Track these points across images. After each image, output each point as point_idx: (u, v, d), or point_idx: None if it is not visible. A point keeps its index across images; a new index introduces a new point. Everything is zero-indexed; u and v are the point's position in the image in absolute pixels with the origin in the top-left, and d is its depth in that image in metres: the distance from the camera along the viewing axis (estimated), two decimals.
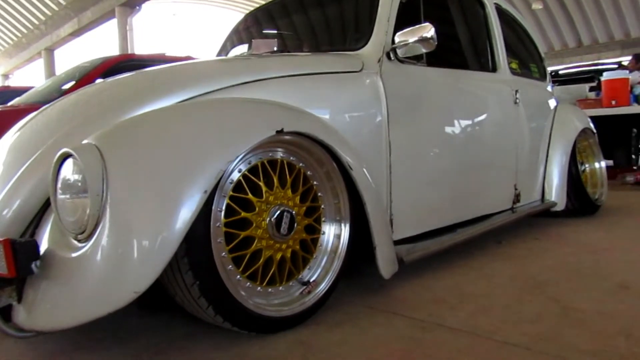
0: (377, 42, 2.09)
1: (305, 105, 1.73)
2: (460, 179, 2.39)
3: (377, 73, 2.03)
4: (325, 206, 1.71)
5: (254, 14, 2.90)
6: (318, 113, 1.76)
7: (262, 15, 2.81)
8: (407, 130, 2.11)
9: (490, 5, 2.76)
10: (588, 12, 13.64)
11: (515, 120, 2.74)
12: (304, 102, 1.76)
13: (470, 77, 2.54)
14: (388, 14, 2.15)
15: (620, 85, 4.96)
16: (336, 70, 1.95)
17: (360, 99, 1.97)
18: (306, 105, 1.74)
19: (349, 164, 1.66)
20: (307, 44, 2.53)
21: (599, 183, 3.44)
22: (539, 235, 2.83)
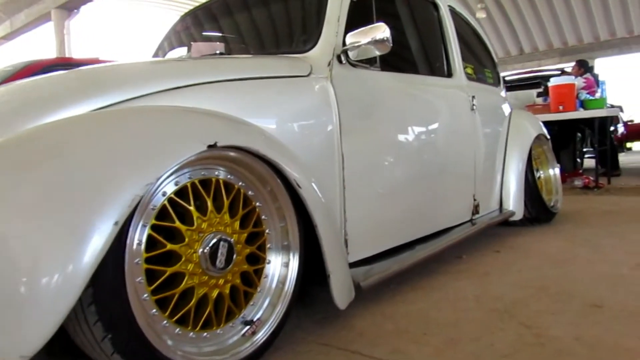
0: (327, 44, 1.89)
1: (246, 114, 1.50)
2: (419, 192, 2.22)
3: (327, 78, 1.82)
4: (270, 231, 1.48)
5: (194, 14, 2.64)
6: (260, 123, 1.53)
7: (202, 15, 2.55)
8: (362, 141, 1.92)
9: (444, 7, 2.63)
10: (528, 21, 14.09)
11: (472, 128, 2.62)
12: (244, 110, 1.53)
13: (426, 82, 2.38)
14: (338, 13, 1.95)
15: (567, 91, 5.01)
16: (281, 74, 1.73)
17: (308, 107, 1.75)
18: (247, 114, 1.51)
19: (296, 181, 1.44)
20: (251, 46, 2.29)
21: (553, 190, 3.39)
22: (498, 247, 2.70)
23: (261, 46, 2.24)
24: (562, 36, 14.11)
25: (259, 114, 1.59)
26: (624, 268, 2.14)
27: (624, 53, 14.40)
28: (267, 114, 1.63)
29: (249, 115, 1.52)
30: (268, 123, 1.60)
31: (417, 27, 2.46)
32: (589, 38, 13.99)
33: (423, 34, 2.51)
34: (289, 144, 1.60)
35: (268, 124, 1.59)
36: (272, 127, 1.61)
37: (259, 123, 1.53)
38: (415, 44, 2.44)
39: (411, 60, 2.39)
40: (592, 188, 5.01)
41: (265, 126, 1.56)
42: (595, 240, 2.71)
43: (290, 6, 2.19)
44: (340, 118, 1.82)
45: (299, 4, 2.17)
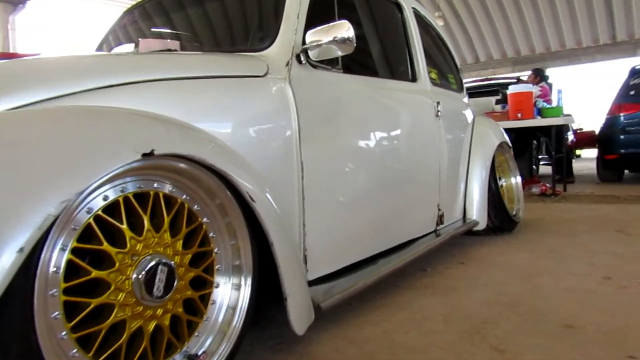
0: (285, 42, 1.73)
1: (193, 117, 1.32)
2: (383, 202, 2.09)
3: (285, 79, 1.66)
4: (219, 250, 1.30)
5: (142, 6, 2.42)
6: (210, 127, 1.36)
7: (151, 8, 2.34)
8: (322, 147, 1.76)
9: (408, 9, 2.52)
10: (484, 31, 14.39)
11: (437, 135, 2.51)
12: (190, 113, 1.35)
13: (390, 86, 2.25)
14: (297, 9, 1.79)
15: (525, 99, 5.05)
16: (234, 73, 1.56)
17: (264, 109, 1.59)
18: (194, 117, 1.33)
19: (249, 193, 1.27)
20: (203, 43, 2.10)
21: (515, 198, 3.35)
22: (463, 259, 2.61)
23: (214, 43, 2.06)
24: (516, 46, 14.48)
25: (208, 117, 1.42)
26: (592, 282, 2.08)
27: (574, 63, 14.90)
28: (218, 117, 1.45)
29: (197, 119, 1.35)
30: (218, 127, 1.42)
31: (380, 29, 2.34)
32: (541, 48, 14.41)
33: (387, 36, 2.39)
34: (242, 151, 1.43)
35: (218, 129, 1.42)
36: (223, 132, 1.43)
37: (207, 128, 1.35)
38: (378, 46, 2.31)
39: (374, 63, 2.26)
40: (550, 195, 5.05)
41: (215, 131, 1.38)
42: (559, 251, 2.66)
43: (246, 1, 2.02)
44: (299, 122, 1.66)
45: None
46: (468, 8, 13.10)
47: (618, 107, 5.96)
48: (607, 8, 11.98)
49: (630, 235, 3.02)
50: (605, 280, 2.11)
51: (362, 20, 2.24)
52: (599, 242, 2.85)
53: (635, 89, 6.00)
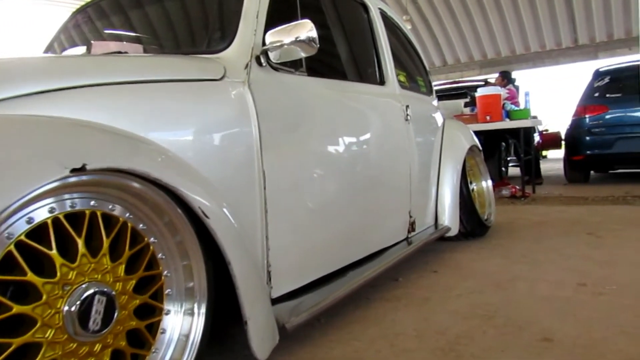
0: (244, 43, 1.62)
1: (140, 126, 1.20)
2: (351, 212, 1.99)
3: (244, 82, 1.54)
4: (169, 272, 1.17)
5: (94, 6, 2.26)
6: (158, 137, 1.23)
7: (101, 8, 2.18)
8: (286, 155, 1.65)
9: (375, 9, 2.43)
10: (451, 34, 14.56)
11: (407, 139, 2.43)
12: (137, 120, 1.22)
13: (357, 90, 2.16)
14: (257, 8, 1.68)
15: (494, 101, 5.05)
16: (187, 77, 1.43)
17: (221, 116, 1.46)
18: (140, 125, 1.21)
19: (202, 209, 1.14)
20: (157, 45, 1.96)
21: (487, 203, 3.30)
22: (435, 267, 2.53)
23: (169, 44, 1.92)
24: (482, 49, 14.69)
25: (156, 125, 1.28)
26: (567, 289, 2.02)
27: (538, 66, 15.20)
28: (168, 125, 1.32)
29: (144, 127, 1.22)
30: (168, 136, 1.30)
31: (346, 29, 2.25)
32: (506, 51, 14.65)
33: (353, 37, 2.29)
34: (197, 161, 1.31)
35: (168, 138, 1.29)
36: (174, 141, 1.30)
37: (156, 137, 1.23)
38: (344, 48, 2.22)
39: (341, 65, 2.17)
40: (519, 197, 5.06)
41: (165, 140, 1.25)
42: (532, 256, 2.61)
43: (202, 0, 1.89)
44: (260, 129, 1.54)
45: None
46: (435, 12, 13.23)
47: (583, 109, 6.04)
48: (569, 12, 12.27)
49: (601, 237, 3.00)
50: (580, 286, 2.06)
51: (326, 20, 2.14)
52: (571, 245, 2.81)
53: (600, 91, 6.10)
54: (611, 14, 12.11)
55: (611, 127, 5.79)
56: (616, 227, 3.27)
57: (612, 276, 2.17)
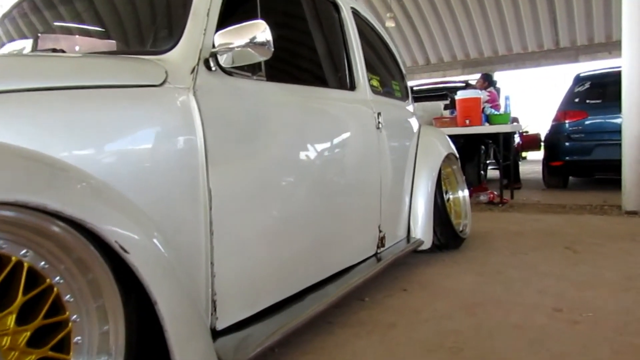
0: (191, 44, 1.44)
1: (54, 141, 1.02)
2: (313, 230, 1.82)
3: (189, 88, 1.37)
4: (79, 317, 0.99)
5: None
6: (77, 154, 1.05)
7: (34, 2, 1.97)
8: (237, 171, 1.48)
9: (346, 9, 2.27)
10: (434, 33, 14.52)
11: (378, 149, 2.27)
12: (52, 134, 1.05)
13: (324, 96, 1.99)
14: (208, 4, 1.50)
15: (473, 105, 4.93)
16: (118, 82, 1.24)
17: (159, 128, 1.28)
18: (52, 140, 1.03)
19: (120, 243, 0.97)
20: (97, 43, 1.77)
21: (463, 213, 3.17)
22: (406, 284, 2.39)
23: (110, 43, 1.72)
24: (465, 49, 14.69)
25: (75, 139, 1.10)
26: (542, 316, 1.89)
27: (519, 68, 15.25)
28: (90, 140, 1.14)
29: (58, 142, 1.05)
30: (92, 152, 1.12)
31: (314, 30, 2.08)
32: (489, 52, 14.66)
33: (321, 39, 2.12)
34: (127, 183, 1.14)
35: (92, 154, 1.11)
36: (99, 158, 1.13)
37: (75, 154, 1.05)
38: (311, 50, 2.05)
39: (306, 69, 2.00)
40: (497, 204, 4.96)
41: (87, 156, 1.08)
42: (507, 274, 2.49)
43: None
44: (206, 142, 1.37)
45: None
46: (419, 10, 13.15)
47: (563, 114, 5.97)
48: (551, 15, 12.30)
49: (578, 253, 2.89)
50: (555, 312, 1.93)
51: (291, 20, 1.97)
52: (547, 261, 2.70)
53: (580, 96, 6.04)
54: (592, 18, 12.18)
55: (591, 134, 5.74)
56: (593, 241, 3.17)
57: (589, 300, 2.05)
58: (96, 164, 1.11)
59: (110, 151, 1.17)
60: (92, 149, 1.14)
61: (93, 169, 1.08)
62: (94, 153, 1.14)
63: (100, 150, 1.15)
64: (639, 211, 4.19)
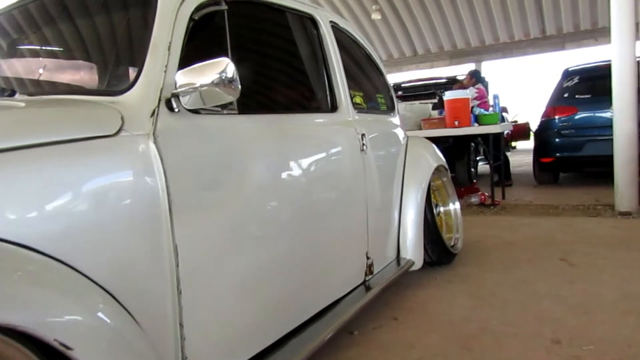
0: (150, 83, 1.30)
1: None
2: (294, 270, 1.70)
3: (149, 135, 1.23)
4: None
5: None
6: (18, 223, 0.93)
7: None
8: (206, 220, 1.35)
9: (325, 24, 2.12)
10: (421, 24, 14.41)
11: (363, 172, 2.14)
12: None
13: (303, 123, 1.86)
14: (168, 37, 1.36)
15: (462, 105, 4.82)
16: (66, 137, 1.10)
17: (114, 184, 1.15)
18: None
19: (61, 342, 0.84)
20: (43, 84, 1.61)
21: (454, 227, 3.06)
22: (397, 311, 2.28)
23: (58, 83, 1.57)
24: (452, 39, 14.61)
25: (15, 207, 0.97)
26: (540, 350, 1.79)
27: (507, 57, 15.20)
28: (33, 206, 1.00)
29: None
30: (35, 220, 0.98)
31: (290, 51, 1.94)
32: (476, 42, 14.59)
33: (299, 60, 1.99)
34: (78, 246, 1.02)
35: (35, 221, 0.98)
36: (43, 225, 0.99)
37: (15, 224, 0.92)
38: (289, 73, 1.92)
39: (283, 95, 1.87)
40: (489, 206, 4.87)
41: (29, 224, 0.95)
42: (501, 295, 2.38)
43: (98, 24, 1.54)
44: (170, 193, 1.24)
45: (113, 20, 1.53)
46: (405, 1, 13.01)
47: (553, 110, 5.88)
48: (537, 3, 12.22)
49: (574, 265, 2.80)
50: (554, 345, 1.83)
51: (265, 43, 1.84)
52: (542, 278, 2.60)
53: (569, 91, 5.94)
54: (578, 5, 12.13)
55: (581, 129, 5.65)
56: (589, 251, 3.08)
57: (588, 329, 1.95)
58: (40, 232, 0.98)
59: (56, 216, 1.03)
60: (35, 217, 1.00)
61: (36, 238, 0.96)
62: (38, 221, 1.00)
63: (45, 217, 1.01)
64: (632, 212, 4.11)
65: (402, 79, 8.58)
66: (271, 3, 1.81)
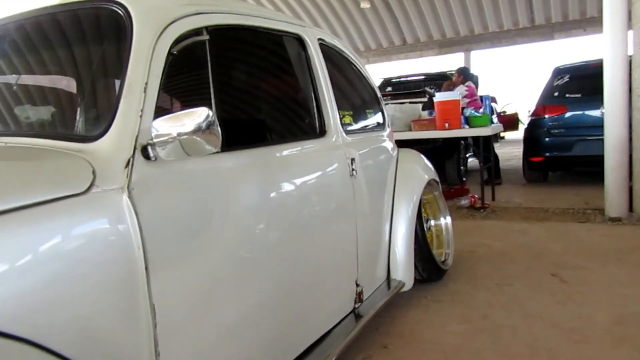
0: (124, 130, 1.20)
1: None
2: (281, 310, 1.63)
3: (123, 188, 1.14)
4: None
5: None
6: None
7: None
8: (186, 274, 1.27)
9: (313, 43, 2.02)
10: (410, 13, 14.29)
11: (352, 198, 2.06)
12: None
13: (290, 153, 1.77)
14: (145, 77, 1.26)
15: (452, 107, 4.74)
16: (28, 201, 1.00)
17: (84, 248, 1.06)
18: None
19: None
20: (10, 125, 1.49)
21: (445, 242, 3.00)
22: (386, 337, 2.23)
23: (28, 125, 1.45)
24: (441, 28, 14.53)
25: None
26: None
27: (496, 46, 15.17)
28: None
29: None
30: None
31: (277, 77, 1.84)
32: (465, 31, 14.52)
33: (285, 85, 1.89)
34: (44, 319, 0.94)
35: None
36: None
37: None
38: (274, 102, 1.82)
39: (269, 125, 1.78)
40: (479, 208, 4.83)
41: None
42: (492, 318, 2.34)
43: (68, 61, 1.43)
44: (146, 250, 1.16)
45: (81, 57, 1.42)
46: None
47: (542, 109, 5.84)
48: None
49: (566, 282, 2.76)
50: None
51: (250, 71, 1.74)
52: (534, 298, 2.56)
53: (559, 90, 5.90)
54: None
55: (571, 129, 5.62)
56: (580, 264, 3.05)
57: (585, 357, 1.91)
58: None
59: (17, 290, 0.94)
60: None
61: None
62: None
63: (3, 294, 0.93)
64: (622, 218, 4.10)
65: (391, 74, 8.47)
66: (256, 27, 1.71)
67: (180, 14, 1.40)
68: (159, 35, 1.32)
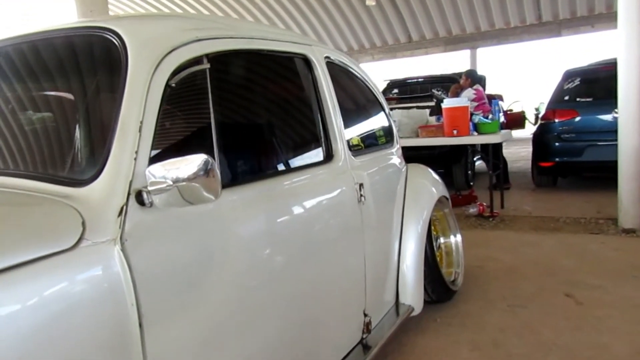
0: (117, 174, 1.12)
1: None
2: (287, 350, 1.54)
3: (116, 240, 1.05)
4: None
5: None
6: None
7: None
8: (185, 327, 1.18)
9: (320, 62, 1.92)
10: (416, 10, 14.14)
11: (361, 226, 1.97)
12: None
13: (295, 183, 1.67)
14: (140, 115, 1.17)
15: (461, 114, 4.63)
16: (8, 264, 0.91)
17: (68, 316, 0.97)
18: None
19: None
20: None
21: (455, 262, 2.90)
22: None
23: (15, 165, 1.36)
24: (447, 25, 14.39)
25: None
26: None
27: (502, 43, 15.02)
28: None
29: None
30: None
31: (282, 103, 1.75)
32: (471, 28, 14.38)
33: (292, 111, 1.80)
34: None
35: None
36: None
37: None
38: (279, 130, 1.73)
39: (274, 156, 1.68)
40: (487, 217, 4.72)
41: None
42: (504, 347, 2.24)
43: (57, 97, 1.34)
44: (140, 306, 1.07)
45: (72, 92, 1.33)
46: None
47: (552, 113, 5.71)
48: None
49: (581, 304, 2.66)
50: None
51: (254, 98, 1.64)
52: (548, 323, 2.46)
53: (570, 94, 5.77)
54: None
55: (582, 134, 5.50)
56: (595, 282, 2.95)
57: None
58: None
59: None
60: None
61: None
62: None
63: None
64: (636, 229, 3.98)
65: (396, 73, 8.36)
66: (259, 50, 1.62)
67: (179, 42, 1.31)
68: (156, 67, 1.23)
